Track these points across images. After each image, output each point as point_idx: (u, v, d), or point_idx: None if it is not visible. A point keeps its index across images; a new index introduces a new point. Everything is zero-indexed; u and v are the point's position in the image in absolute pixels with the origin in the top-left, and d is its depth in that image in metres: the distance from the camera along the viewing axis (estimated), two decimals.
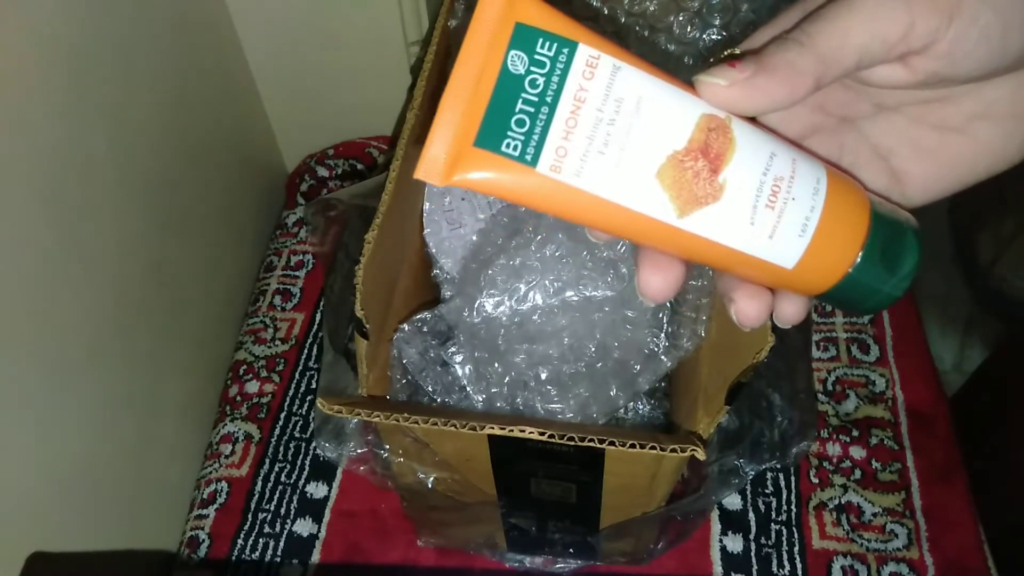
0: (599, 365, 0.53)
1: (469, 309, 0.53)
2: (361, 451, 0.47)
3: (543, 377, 0.52)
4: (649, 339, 0.53)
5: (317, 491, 0.65)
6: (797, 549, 0.61)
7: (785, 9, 0.26)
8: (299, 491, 0.65)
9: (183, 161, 0.67)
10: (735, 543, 0.61)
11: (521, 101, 0.22)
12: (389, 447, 0.46)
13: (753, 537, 0.61)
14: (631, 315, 0.53)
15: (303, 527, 0.63)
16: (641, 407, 0.60)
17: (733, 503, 0.63)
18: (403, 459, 0.46)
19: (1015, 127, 0.25)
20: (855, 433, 0.66)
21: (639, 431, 0.58)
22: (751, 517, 0.62)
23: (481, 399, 0.53)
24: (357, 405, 0.41)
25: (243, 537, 0.63)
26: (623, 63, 0.23)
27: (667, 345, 0.53)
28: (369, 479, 0.49)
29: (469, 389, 0.53)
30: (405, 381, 0.51)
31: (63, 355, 0.51)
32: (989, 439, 0.79)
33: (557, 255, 0.53)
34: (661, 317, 0.54)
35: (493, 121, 0.22)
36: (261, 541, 0.63)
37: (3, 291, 0.46)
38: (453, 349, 0.53)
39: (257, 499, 0.65)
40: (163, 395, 0.65)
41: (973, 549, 0.60)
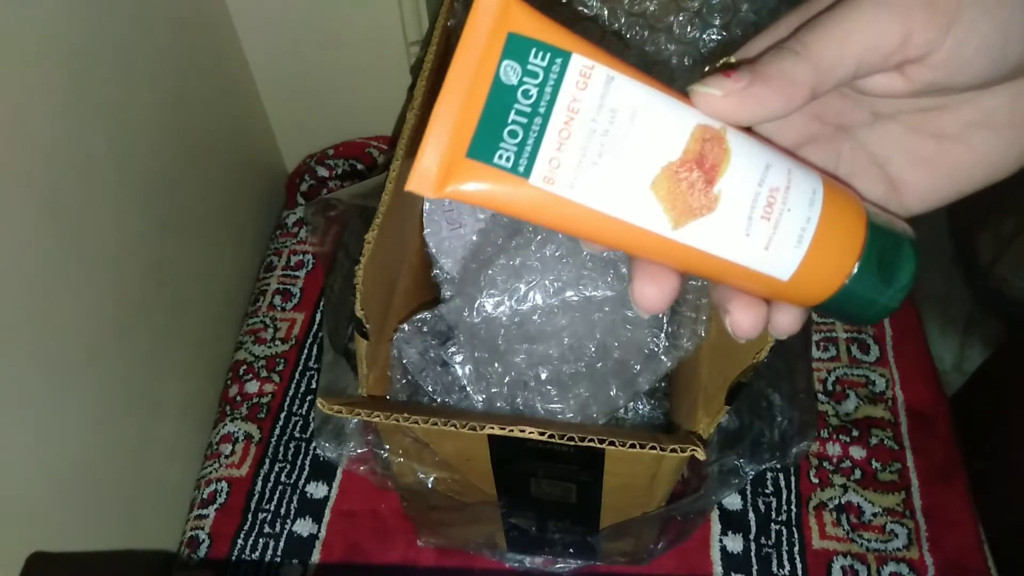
0: (599, 365, 0.53)
1: (469, 309, 0.53)
2: (361, 451, 0.47)
3: (543, 377, 0.52)
4: (649, 339, 0.53)
5: (317, 491, 0.65)
6: (797, 549, 0.61)
7: (781, 17, 0.25)
8: (299, 491, 0.65)
9: (183, 161, 0.67)
10: (735, 543, 0.61)
11: (514, 112, 0.22)
12: (389, 447, 0.46)
13: (753, 537, 0.61)
14: (631, 315, 0.53)
15: (303, 527, 0.63)
16: (641, 407, 0.60)
17: (733, 503, 0.63)
18: (403, 459, 0.46)
19: (1013, 136, 0.25)
20: (855, 433, 0.66)
21: (639, 431, 0.58)
22: (751, 517, 0.62)
23: (481, 399, 0.53)
24: (357, 405, 0.41)
25: (243, 537, 0.63)
26: (617, 73, 0.22)
27: (667, 345, 0.53)
28: (369, 479, 0.49)
29: (469, 389, 0.53)
30: (405, 381, 0.51)
31: (63, 355, 0.51)
32: (989, 439, 0.79)
33: (557, 255, 0.53)
34: (661, 317, 0.54)
35: (486, 132, 0.22)
36: (261, 541, 0.63)
37: (3, 291, 0.46)
38: (453, 349, 0.53)
39: (257, 499, 0.65)
40: (163, 395, 0.65)
41: (973, 549, 0.60)
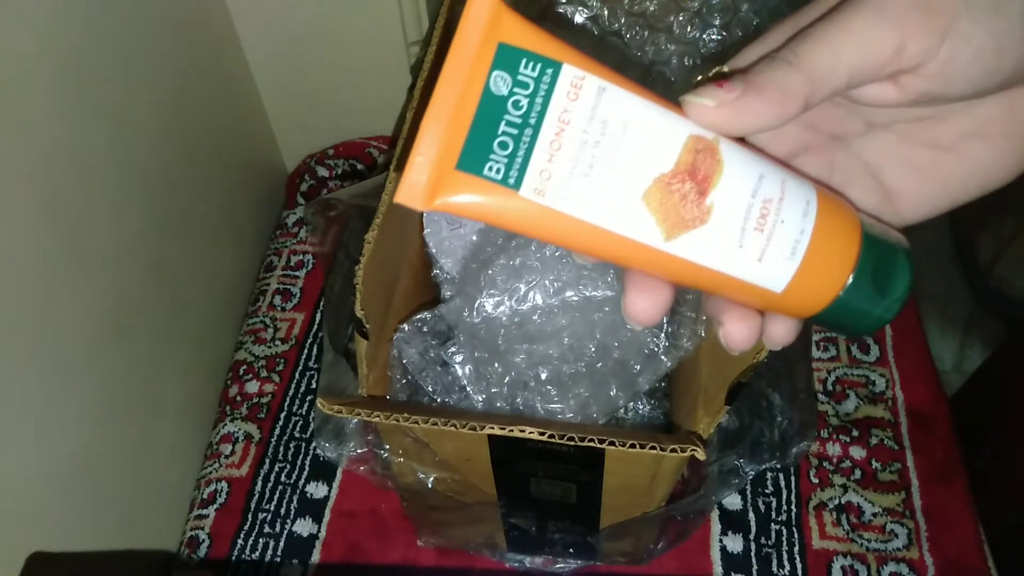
0: (599, 365, 0.53)
1: (469, 309, 0.53)
2: (361, 451, 0.47)
3: (543, 377, 0.53)
4: (649, 339, 0.53)
5: (317, 491, 0.65)
6: (797, 549, 0.60)
7: (773, 26, 0.25)
8: (299, 491, 0.65)
9: (183, 161, 0.67)
10: (735, 543, 0.61)
11: (504, 123, 0.22)
12: (389, 447, 0.46)
13: (753, 537, 0.61)
14: None
15: (303, 527, 0.63)
16: (641, 407, 0.60)
17: (733, 503, 0.63)
18: (403, 459, 0.46)
19: (1008, 146, 0.25)
20: (855, 433, 0.66)
21: (639, 431, 0.58)
22: (751, 517, 0.62)
23: (481, 399, 0.53)
24: (357, 405, 0.41)
25: (243, 537, 0.63)
26: (609, 83, 0.22)
27: (667, 345, 0.53)
28: (369, 479, 0.49)
29: (469, 389, 0.53)
30: (405, 381, 0.51)
31: (63, 355, 0.51)
32: (989, 439, 0.79)
33: (557, 255, 0.53)
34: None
35: (475, 144, 0.22)
36: (261, 541, 0.63)
37: (3, 291, 0.46)
38: (453, 349, 0.53)
39: (257, 499, 0.65)
40: (163, 395, 0.65)
41: (973, 549, 0.60)
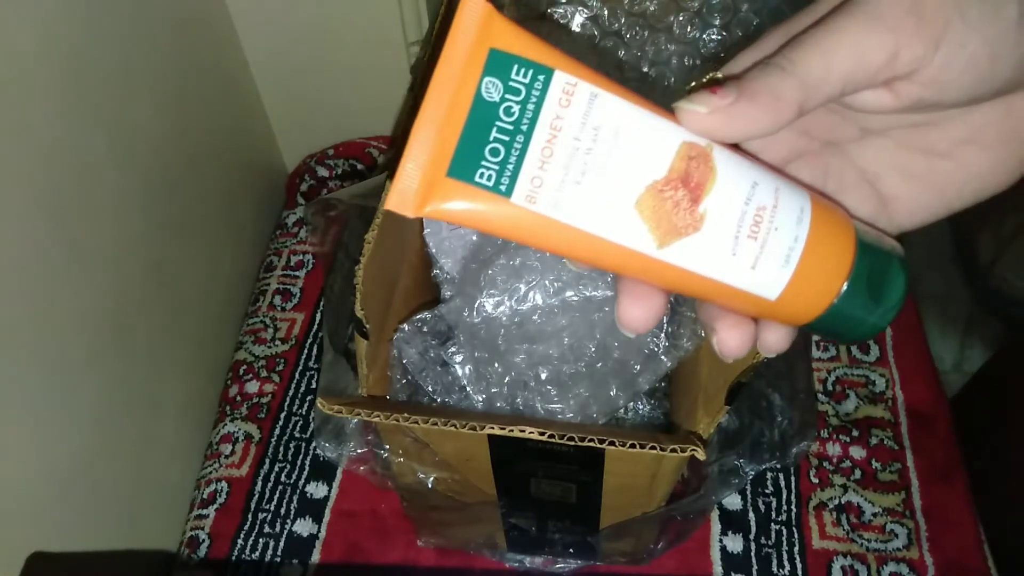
0: (599, 365, 0.53)
1: (469, 309, 0.53)
2: (361, 451, 0.47)
3: (543, 377, 0.52)
4: (649, 339, 0.53)
5: (317, 491, 0.65)
6: (797, 549, 0.60)
7: (768, 32, 0.25)
8: (299, 491, 0.65)
9: (183, 161, 0.67)
10: (735, 543, 0.61)
11: (495, 130, 0.21)
12: (389, 447, 0.46)
13: (753, 537, 0.61)
14: None
15: (303, 527, 0.63)
16: (641, 407, 0.60)
17: (733, 503, 0.63)
18: (403, 459, 0.46)
19: (1003, 153, 0.25)
20: (855, 433, 0.66)
21: (639, 431, 0.58)
22: (751, 517, 0.62)
23: (481, 399, 0.53)
24: (357, 405, 0.41)
25: (243, 537, 0.63)
26: (601, 90, 0.22)
27: (667, 345, 0.53)
28: (369, 479, 0.49)
29: (469, 389, 0.53)
30: (405, 381, 0.51)
31: (63, 355, 0.51)
32: (989, 439, 0.79)
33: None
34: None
35: (466, 150, 0.21)
36: (261, 541, 0.63)
37: (3, 291, 0.46)
38: (453, 349, 0.53)
39: (257, 499, 0.65)
40: (163, 395, 0.65)
41: (973, 549, 0.60)
